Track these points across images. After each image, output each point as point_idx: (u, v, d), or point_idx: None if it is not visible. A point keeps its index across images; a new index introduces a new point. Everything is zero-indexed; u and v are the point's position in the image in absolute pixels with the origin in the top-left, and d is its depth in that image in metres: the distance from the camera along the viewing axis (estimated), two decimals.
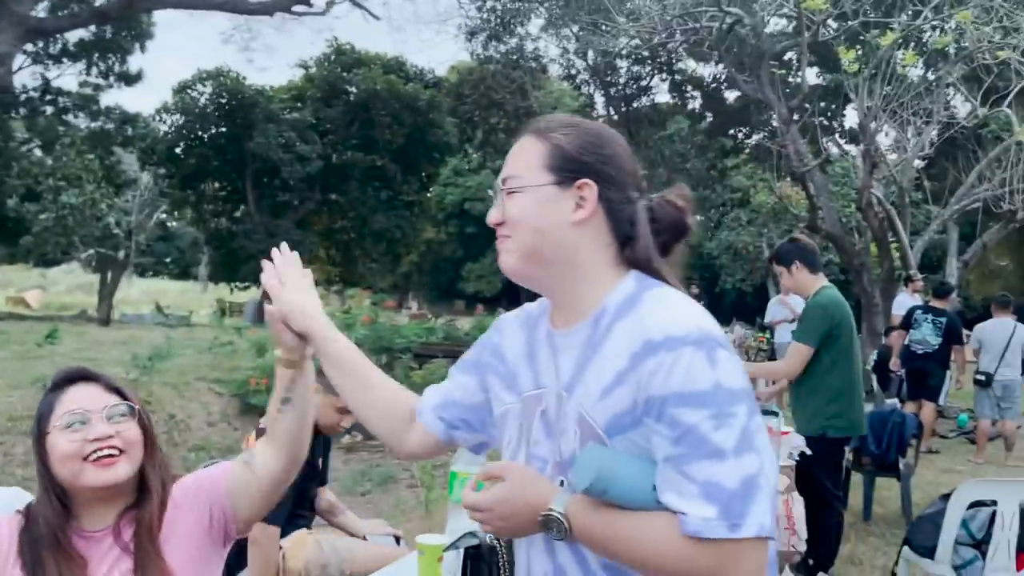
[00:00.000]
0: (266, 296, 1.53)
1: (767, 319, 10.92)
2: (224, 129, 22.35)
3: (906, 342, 8.57)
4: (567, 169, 1.25)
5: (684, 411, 1.09)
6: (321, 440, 2.88)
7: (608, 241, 1.26)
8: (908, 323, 8.52)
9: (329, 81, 22.91)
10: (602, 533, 1.15)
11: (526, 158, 1.28)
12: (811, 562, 4.16)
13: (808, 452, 3.90)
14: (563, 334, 1.27)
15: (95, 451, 1.59)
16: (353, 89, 22.88)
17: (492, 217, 1.29)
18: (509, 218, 1.26)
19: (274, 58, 62.52)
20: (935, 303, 8.52)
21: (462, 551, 1.72)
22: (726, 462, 1.08)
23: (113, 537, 1.64)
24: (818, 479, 4.05)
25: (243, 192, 23.20)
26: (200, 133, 22.44)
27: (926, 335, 8.25)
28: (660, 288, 1.23)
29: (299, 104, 23.25)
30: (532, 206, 1.25)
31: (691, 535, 1.07)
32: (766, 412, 3.44)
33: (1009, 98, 11.04)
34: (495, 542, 1.71)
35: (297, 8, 18.09)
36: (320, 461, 2.93)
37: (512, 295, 36.48)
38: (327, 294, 32.44)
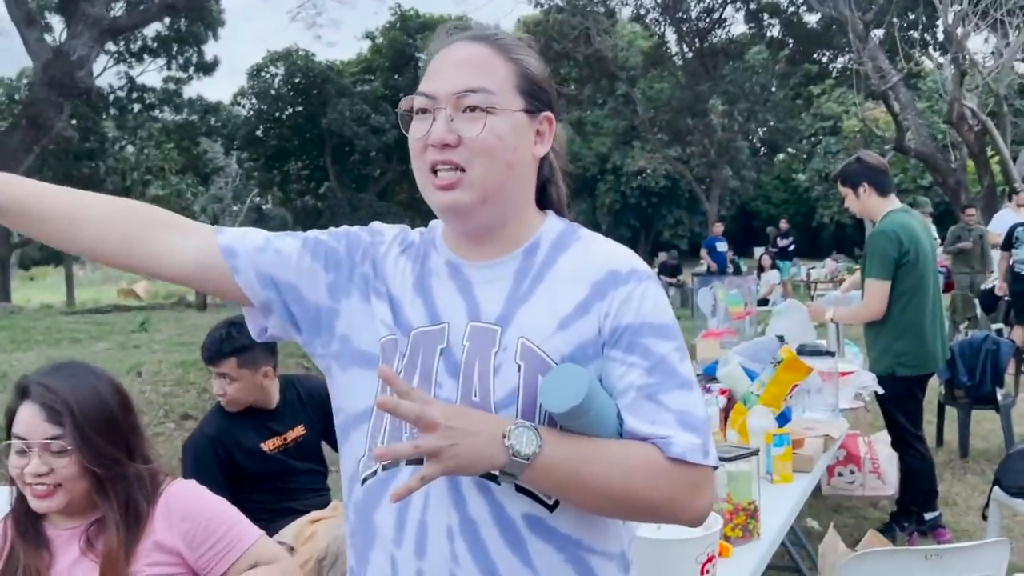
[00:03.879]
0: None
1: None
2: (300, 108, 22.73)
3: (1010, 263, 7.98)
4: (538, 98, 1.13)
5: (657, 341, 1.08)
6: (276, 416, 2.69)
7: (534, 179, 1.18)
8: (1009, 242, 7.92)
9: (396, 49, 22.91)
10: (581, 458, 1.02)
11: (495, 74, 1.09)
12: (895, 509, 3.90)
13: (880, 391, 3.61)
14: (482, 266, 1.14)
15: (31, 483, 1.56)
16: (421, 55, 22.79)
17: (443, 135, 1.06)
18: (478, 142, 1.06)
19: (341, 32, 63.29)
20: None
21: None
22: (693, 393, 1.09)
23: (81, 539, 1.60)
24: (894, 419, 3.76)
25: (325, 169, 23.60)
26: (277, 114, 22.90)
27: None
28: (588, 230, 1.19)
29: (369, 76, 23.37)
30: (509, 133, 1.08)
31: (677, 458, 1.04)
32: (817, 353, 3.18)
33: None
34: None
35: None
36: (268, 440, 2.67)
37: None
38: None
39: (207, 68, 25.40)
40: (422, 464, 0.99)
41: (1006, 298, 8.34)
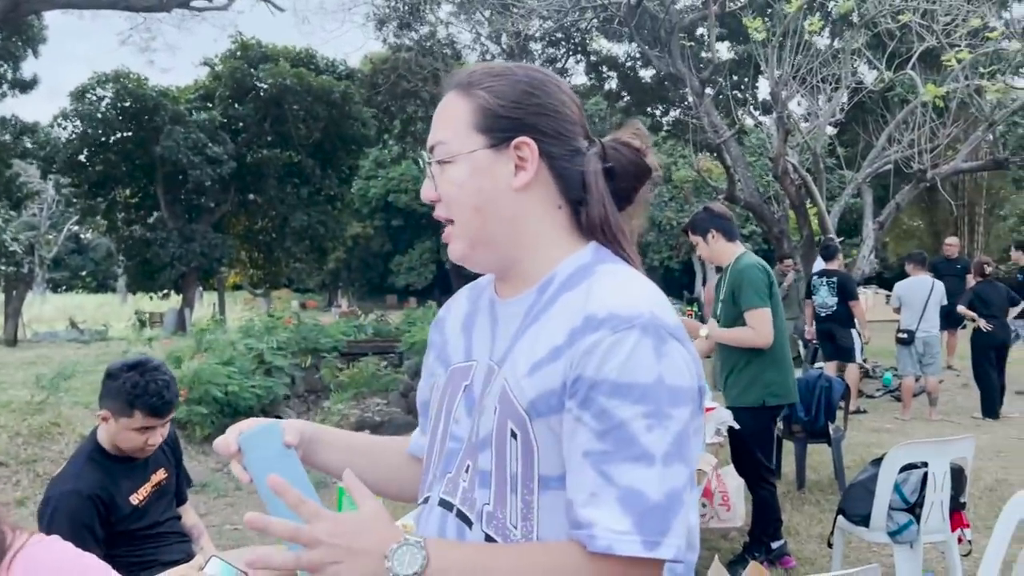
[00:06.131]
0: None
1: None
2: (129, 133, 21.41)
3: (814, 307, 8.79)
4: (499, 128, 1.09)
5: (616, 403, 0.95)
6: (139, 464, 2.47)
7: (559, 203, 1.12)
8: (810, 290, 8.78)
9: (236, 78, 22.09)
10: (476, 572, 0.95)
11: (453, 120, 1.10)
12: (746, 540, 4.09)
13: (736, 426, 3.79)
14: (506, 303, 1.14)
15: None
16: (262, 85, 22.12)
17: (426, 193, 1.13)
18: (445, 195, 1.10)
19: (177, 58, 61.35)
20: (827, 265, 8.74)
21: None
22: (653, 468, 0.94)
23: None
24: (751, 453, 3.96)
25: (155, 198, 22.32)
26: (104, 139, 21.44)
27: (824, 298, 8.51)
28: (617, 264, 1.10)
29: (207, 104, 22.39)
30: (467, 178, 1.08)
31: (602, 552, 0.92)
32: None
33: (912, 61, 11.25)
34: None
35: (196, 3, 17.38)
36: (139, 492, 2.45)
37: (444, 285, 36.26)
38: (253, 298, 31.60)
39: (24, 86, 23.60)
40: (452, 510, 1.07)
41: (814, 342, 9.12)
